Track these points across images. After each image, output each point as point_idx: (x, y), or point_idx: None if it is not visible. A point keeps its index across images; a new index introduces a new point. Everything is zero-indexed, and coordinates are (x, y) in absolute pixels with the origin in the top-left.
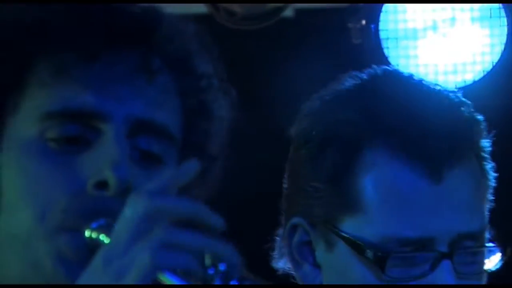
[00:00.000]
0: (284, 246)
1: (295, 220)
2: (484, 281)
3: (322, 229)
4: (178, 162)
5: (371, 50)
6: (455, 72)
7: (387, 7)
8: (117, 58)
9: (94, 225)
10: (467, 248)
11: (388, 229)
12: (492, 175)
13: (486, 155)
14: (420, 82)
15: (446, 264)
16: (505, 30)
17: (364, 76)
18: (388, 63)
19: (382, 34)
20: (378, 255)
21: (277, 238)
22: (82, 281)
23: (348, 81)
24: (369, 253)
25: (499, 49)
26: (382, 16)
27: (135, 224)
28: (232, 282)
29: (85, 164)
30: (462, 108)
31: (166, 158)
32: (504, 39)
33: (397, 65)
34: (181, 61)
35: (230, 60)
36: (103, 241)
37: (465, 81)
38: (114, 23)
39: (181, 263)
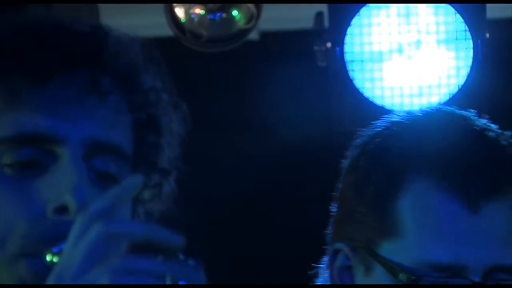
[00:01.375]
0: (327, 271)
1: (338, 245)
2: None
3: (362, 254)
4: None
5: (336, 73)
6: (420, 95)
7: (352, 29)
8: (68, 79)
9: (55, 249)
10: (500, 281)
11: (423, 254)
12: None
13: None
14: (465, 118)
15: None
16: (470, 52)
17: (415, 113)
18: (353, 86)
19: (348, 57)
20: (412, 279)
21: (322, 265)
22: None
23: (399, 115)
24: (403, 276)
25: (465, 71)
26: (348, 39)
27: (90, 248)
28: None
29: (43, 189)
30: (505, 146)
31: (121, 177)
32: (469, 61)
33: (362, 88)
34: (128, 77)
35: (196, 83)
36: None
37: (430, 104)
38: (63, 44)
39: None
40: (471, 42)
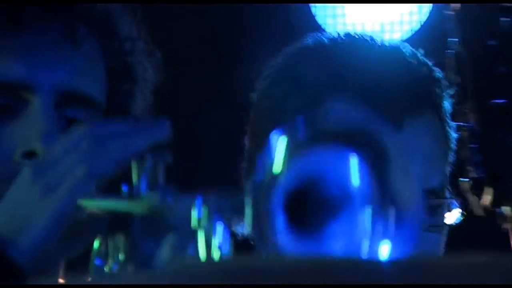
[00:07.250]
0: None
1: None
2: (444, 235)
3: None
4: None
5: (298, 9)
6: (382, 31)
7: None
8: (44, 27)
9: None
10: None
11: None
12: (453, 136)
13: (447, 116)
14: (382, 43)
15: None
16: None
17: (326, 36)
18: (315, 22)
19: None
20: None
21: None
22: (7, 197)
23: (309, 40)
24: None
25: (427, 8)
26: None
27: (70, 142)
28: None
29: (13, 134)
30: (422, 66)
31: None
32: None
33: (324, 24)
34: (104, 24)
35: (149, 23)
36: None
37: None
38: None
39: (112, 164)
40: None
